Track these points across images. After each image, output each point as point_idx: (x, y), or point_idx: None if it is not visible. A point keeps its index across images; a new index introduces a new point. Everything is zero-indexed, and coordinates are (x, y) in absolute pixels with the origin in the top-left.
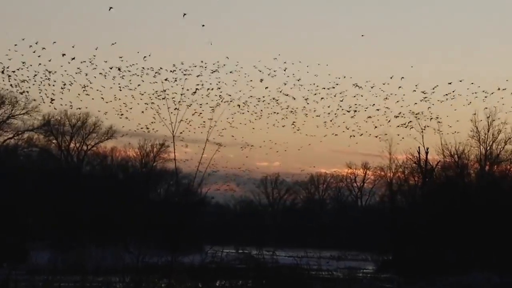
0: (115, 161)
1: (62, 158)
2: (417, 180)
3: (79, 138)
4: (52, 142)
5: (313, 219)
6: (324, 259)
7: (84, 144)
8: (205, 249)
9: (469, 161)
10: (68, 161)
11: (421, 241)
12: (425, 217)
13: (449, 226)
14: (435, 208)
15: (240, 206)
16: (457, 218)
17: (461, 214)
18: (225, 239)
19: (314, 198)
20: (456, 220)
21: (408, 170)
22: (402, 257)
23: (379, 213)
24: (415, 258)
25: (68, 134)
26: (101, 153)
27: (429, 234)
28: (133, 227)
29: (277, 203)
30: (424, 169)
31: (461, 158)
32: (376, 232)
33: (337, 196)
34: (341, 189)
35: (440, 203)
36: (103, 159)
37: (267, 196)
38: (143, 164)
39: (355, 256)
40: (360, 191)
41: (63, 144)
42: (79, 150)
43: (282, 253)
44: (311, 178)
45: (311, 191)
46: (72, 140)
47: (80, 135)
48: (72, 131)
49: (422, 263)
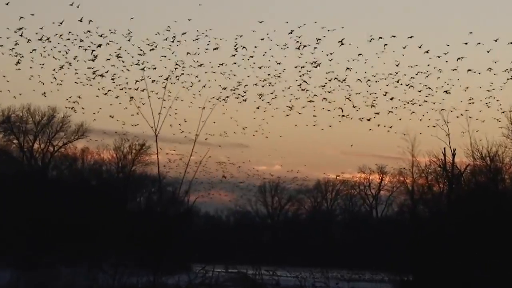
0: (86, 164)
1: (25, 161)
2: (443, 186)
3: (44, 137)
4: (12, 142)
5: (320, 233)
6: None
7: (50, 144)
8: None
9: (504, 165)
10: (31, 164)
11: (447, 259)
12: (451, 230)
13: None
14: (464, 220)
15: (234, 218)
16: (489, 231)
17: (494, 226)
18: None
19: (321, 208)
20: (489, 233)
21: (432, 175)
22: (424, 277)
23: (398, 226)
24: (440, 279)
25: (32, 133)
26: (70, 155)
27: (456, 251)
28: (109, 242)
29: (277, 214)
30: (451, 174)
31: (494, 161)
32: (394, 248)
33: (348, 205)
34: (352, 198)
35: (470, 213)
36: (72, 162)
37: (265, 206)
38: (119, 168)
39: (369, 277)
40: (375, 200)
41: (25, 144)
42: (44, 152)
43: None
44: (318, 185)
45: (317, 199)
46: (36, 140)
47: (45, 134)
48: (36, 129)
49: (447, 285)
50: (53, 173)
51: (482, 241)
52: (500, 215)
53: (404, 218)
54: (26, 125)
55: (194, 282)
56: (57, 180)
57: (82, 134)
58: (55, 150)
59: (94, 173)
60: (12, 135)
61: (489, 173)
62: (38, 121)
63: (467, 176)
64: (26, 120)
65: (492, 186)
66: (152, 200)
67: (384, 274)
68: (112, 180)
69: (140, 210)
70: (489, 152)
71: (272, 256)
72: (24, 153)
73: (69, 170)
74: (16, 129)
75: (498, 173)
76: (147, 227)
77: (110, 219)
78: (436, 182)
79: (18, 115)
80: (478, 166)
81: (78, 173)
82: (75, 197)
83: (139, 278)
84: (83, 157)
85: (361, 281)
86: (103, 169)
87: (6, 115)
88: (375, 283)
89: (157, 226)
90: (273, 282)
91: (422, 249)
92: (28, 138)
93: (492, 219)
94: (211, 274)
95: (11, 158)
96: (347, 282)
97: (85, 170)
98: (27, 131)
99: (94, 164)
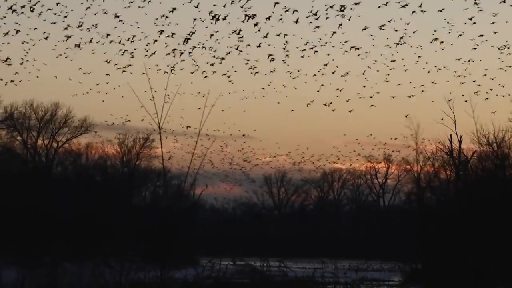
0: (91, 159)
1: (29, 158)
2: (450, 174)
3: (48, 133)
4: (16, 139)
5: (327, 223)
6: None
7: (53, 140)
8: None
9: (511, 150)
10: (35, 160)
11: (455, 246)
12: (459, 218)
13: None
14: (471, 207)
15: (241, 210)
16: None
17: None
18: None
19: (328, 199)
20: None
21: (438, 163)
22: (433, 266)
23: (405, 214)
24: (449, 267)
25: (35, 129)
26: (74, 151)
27: (464, 238)
28: (115, 238)
29: (284, 205)
30: (458, 160)
31: (500, 146)
32: (402, 236)
33: (355, 195)
34: (359, 187)
35: (478, 200)
36: (76, 158)
37: (272, 197)
38: (124, 163)
39: (378, 266)
40: (382, 189)
41: (29, 141)
42: (48, 148)
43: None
44: (324, 175)
45: (324, 190)
46: (40, 136)
47: (48, 130)
48: (40, 125)
49: (456, 273)
50: (57, 169)
51: (491, 228)
52: (508, 201)
53: (411, 206)
54: (29, 121)
55: (202, 275)
56: (62, 177)
57: (85, 129)
58: (59, 146)
59: (98, 169)
60: (15, 132)
61: (496, 159)
62: (41, 117)
63: (474, 163)
64: (29, 116)
65: (500, 172)
66: (158, 194)
67: (393, 263)
68: (117, 175)
69: (145, 205)
70: (495, 138)
71: (279, 247)
72: (28, 149)
73: (73, 165)
74: (19, 126)
75: (505, 159)
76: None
77: (115, 214)
78: (443, 169)
79: (21, 112)
80: (485, 152)
81: (83, 169)
82: (80, 193)
83: (146, 273)
84: (87, 153)
85: (370, 270)
86: (107, 164)
87: (9, 112)
88: (384, 272)
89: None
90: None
91: (431, 237)
92: (31, 134)
93: (500, 205)
94: (219, 267)
95: (15, 155)
96: (356, 272)
97: (89, 165)
98: (30, 127)
99: (99, 159)
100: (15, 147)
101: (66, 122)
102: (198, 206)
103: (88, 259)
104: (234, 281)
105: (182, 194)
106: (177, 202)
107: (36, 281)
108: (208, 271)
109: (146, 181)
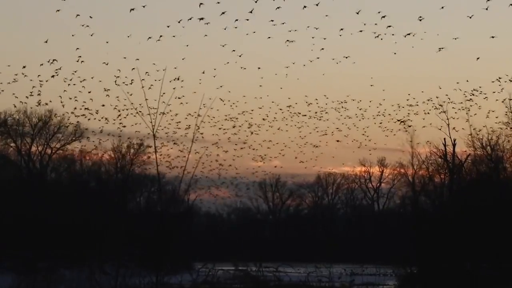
0: (85, 166)
1: (22, 164)
2: (444, 177)
3: (42, 140)
4: (10, 146)
5: (321, 228)
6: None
7: (47, 147)
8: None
9: (504, 153)
10: (29, 167)
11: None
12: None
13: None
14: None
15: (235, 215)
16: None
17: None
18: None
19: (322, 203)
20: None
21: (432, 166)
22: (428, 270)
23: (400, 218)
24: (444, 271)
25: (29, 135)
26: (68, 157)
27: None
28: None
29: (278, 210)
30: (452, 164)
31: (494, 149)
32: (397, 240)
33: (349, 199)
34: (354, 191)
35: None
36: (70, 164)
37: (266, 202)
38: (118, 169)
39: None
40: (376, 193)
41: (23, 147)
42: (42, 154)
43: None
44: (318, 179)
45: (318, 194)
46: (34, 142)
47: (42, 136)
48: (33, 132)
49: (452, 276)
50: (51, 176)
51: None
52: (503, 204)
53: (406, 210)
54: (23, 128)
55: (197, 281)
56: (56, 183)
57: (79, 135)
58: (53, 152)
59: (92, 175)
60: (9, 139)
61: (490, 162)
62: (35, 124)
63: (468, 166)
64: (23, 123)
65: (494, 175)
66: (152, 199)
67: (388, 267)
68: (111, 181)
69: (140, 210)
70: (489, 141)
71: (274, 252)
72: (22, 156)
73: (67, 172)
74: (13, 132)
75: (499, 162)
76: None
77: (110, 220)
78: (437, 173)
79: (14, 118)
80: (478, 156)
81: (77, 175)
82: (74, 199)
83: (141, 279)
84: (81, 159)
85: (365, 275)
86: (101, 170)
87: (2, 119)
88: (379, 277)
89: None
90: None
91: (426, 240)
92: (25, 141)
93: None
94: (214, 273)
95: (9, 162)
96: (350, 276)
97: (83, 171)
98: (24, 134)
99: (93, 166)
100: (9, 154)
101: (60, 128)
102: (193, 211)
103: (83, 265)
104: (228, 287)
105: (176, 199)
106: (171, 208)
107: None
108: (203, 276)
109: (140, 187)
